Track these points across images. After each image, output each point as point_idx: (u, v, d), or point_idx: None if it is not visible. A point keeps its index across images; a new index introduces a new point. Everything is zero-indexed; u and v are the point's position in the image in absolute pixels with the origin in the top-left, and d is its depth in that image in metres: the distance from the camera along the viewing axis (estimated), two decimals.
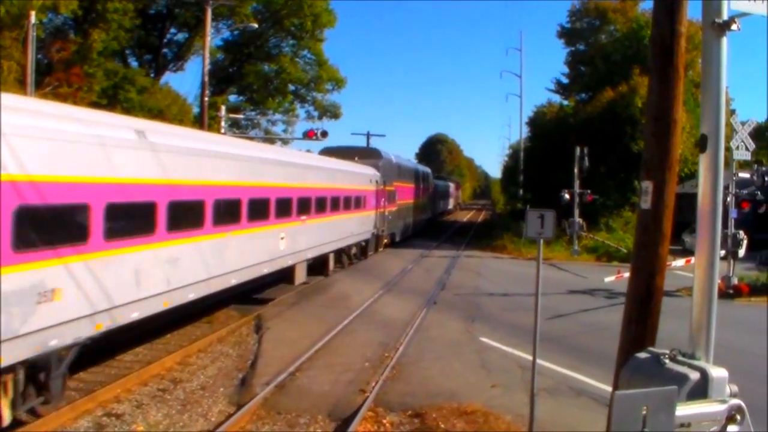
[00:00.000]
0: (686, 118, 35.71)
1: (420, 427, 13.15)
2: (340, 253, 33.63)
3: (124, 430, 12.62)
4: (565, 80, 79.94)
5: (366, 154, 43.84)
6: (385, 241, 45.93)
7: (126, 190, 13.88)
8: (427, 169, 75.47)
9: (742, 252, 27.48)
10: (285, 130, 62.41)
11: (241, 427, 12.93)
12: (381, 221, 42.41)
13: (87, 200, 12.54)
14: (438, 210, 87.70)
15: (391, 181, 44.85)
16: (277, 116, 63.14)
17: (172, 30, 57.83)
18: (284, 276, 25.92)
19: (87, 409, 13.24)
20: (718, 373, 5.23)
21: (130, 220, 14.33)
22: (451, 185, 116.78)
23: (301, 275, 26.38)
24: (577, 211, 43.45)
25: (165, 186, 15.40)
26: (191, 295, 16.90)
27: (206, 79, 37.26)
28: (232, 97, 61.48)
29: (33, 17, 32.32)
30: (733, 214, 27.53)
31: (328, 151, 41.60)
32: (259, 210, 21.26)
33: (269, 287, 26.81)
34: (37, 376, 12.16)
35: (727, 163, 27.32)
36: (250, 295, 24.97)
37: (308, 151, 43.98)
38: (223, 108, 46.81)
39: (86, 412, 13.13)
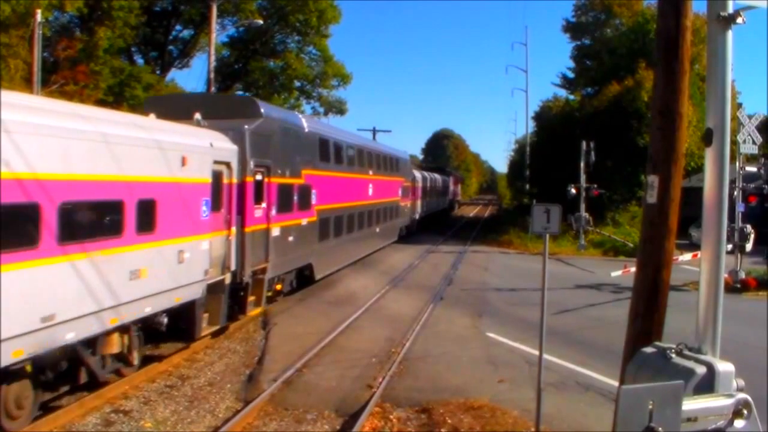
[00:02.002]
0: (692, 112, 35.70)
1: (427, 423, 13.15)
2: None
3: (132, 427, 12.65)
4: (570, 75, 79.90)
5: (226, 109, 21.75)
6: (257, 311, 21.35)
7: None
8: (402, 154, 51.23)
9: (749, 246, 27.44)
10: None
11: (248, 423, 12.95)
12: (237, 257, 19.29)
13: None
14: (428, 211, 65.82)
15: (290, 167, 23.26)
16: None
17: (178, 27, 57.83)
18: None
19: (95, 405, 13.28)
20: (724, 367, 5.22)
21: None
22: (448, 179, 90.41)
23: None
24: (583, 206, 43.43)
25: None
26: None
27: (212, 75, 37.33)
28: (238, 94, 61.42)
29: (39, 15, 32.40)
30: (740, 207, 27.49)
31: (155, 104, 20.85)
32: None
33: None
34: None
35: (734, 157, 27.28)
36: None
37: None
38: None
39: (94, 409, 13.17)
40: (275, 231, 21.74)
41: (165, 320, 15.75)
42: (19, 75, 33.05)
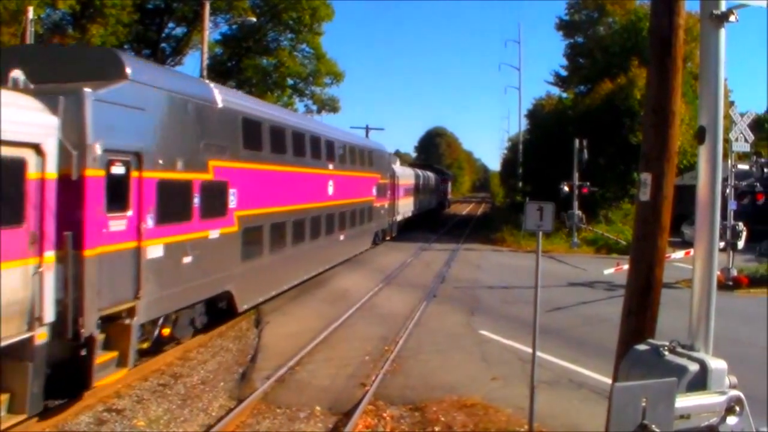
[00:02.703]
0: (685, 110, 35.73)
1: (420, 420, 13.16)
2: None
3: (125, 425, 12.63)
4: (563, 72, 79.94)
5: (74, 67, 14.48)
6: (118, 375, 13.93)
7: None
8: (377, 146, 45.06)
9: (741, 243, 27.50)
10: None
11: (241, 422, 12.94)
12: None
13: None
14: (412, 212, 58.86)
15: (187, 155, 16.79)
16: None
17: (171, 24, 57.73)
18: None
19: (88, 404, 13.25)
20: (717, 364, 5.24)
21: None
22: (437, 176, 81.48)
23: None
24: (576, 204, 43.47)
25: None
26: None
27: (205, 73, 37.17)
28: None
29: (31, 12, 32.23)
30: (732, 205, 27.54)
31: None
32: None
33: None
34: None
35: (726, 155, 27.32)
36: None
37: None
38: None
39: (87, 408, 13.14)
40: (154, 251, 14.88)
41: None
42: None
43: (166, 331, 16.34)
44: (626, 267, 8.91)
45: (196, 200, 16.89)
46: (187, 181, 16.52)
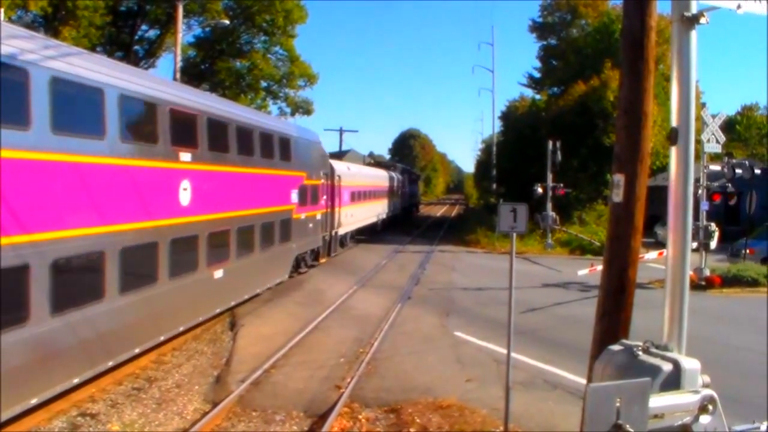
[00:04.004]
0: (657, 112, 35.95)
1: (396, 422, 13.17)
2: None
3: (99, 430, 12.54)
4: (537, 74, 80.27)
5: None
6: None
7: None
8: (303, 133, 31.17)
9: (713, 244, 27.76)
10: None
11: (216, 425, 12.89)
12: None
13: None
14: (364, 220, 48.95)
15: None
16: None
17: (144, 27, 57.26)
18: None
19: (61, 409, 13.13)
20: (690, 364, 5.29)
21: None
22: (401, 177, 72.59)
23: None
24: (550, 205, 43.66)
25: None
26: None
27: (178, 76, 36.99)
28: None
29: (2, 14, 31.93)
30: (704, 206, 27.77)
31: None
32: None
33: None
34: None
35: (698, 156, 27.59)
36: None
37: None
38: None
39: (61, 413, 13.03)
40: None
41: None
42: None
43: None
44: (600, 268, 8.96)
45: None
46: None
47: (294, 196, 27.69)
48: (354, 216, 43.95)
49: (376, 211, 54.11)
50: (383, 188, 58.64)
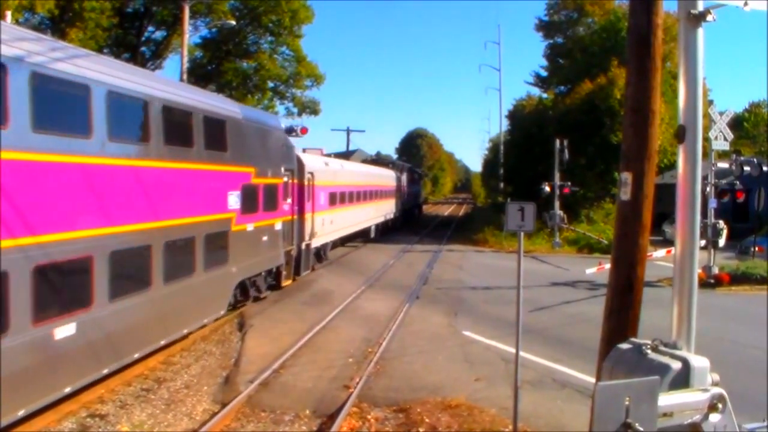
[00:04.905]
0: (664, 109, 35.91)
1: (405, 422, 13.15)
2: None
3: (109, 431, 12.56)
4: (544, 73, 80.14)
5: None
6: None
7: None
8: (254, 114, 25.84)
9: (722, 241, 27.67)
10: None
11: (225, 426, 12.89)
12: None
13: None
14: (350, 227, 41.24)
15: None
16: None
17: (150, 28, 57.34)
18: None
19: (71, 410, 13.16)
20: (699, 362, 5.27)
21: None
22: (400, 175, 64.92)
23: None
24: (557, 203, 43.58)
25: None
26: None
27: (185, 77, 37.06)
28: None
29: (9, 17, 31.99)
30: (712, 204, 27.69)
31: None
32: None
33: None
34: None
35: (706, 154, 27.48)
36: None
37: None
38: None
39: (70, 414, 13.05)
40: None
41: None
42: None
43: None
44: (608, 266, 8.94)
45: None
46: None
47: (233, 201, 20.17)
48: (335, 223, 36.11)
49: (367, 215, 46.79)
50: (378, 188, 51.29)
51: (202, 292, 18.30)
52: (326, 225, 33.76)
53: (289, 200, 26.80)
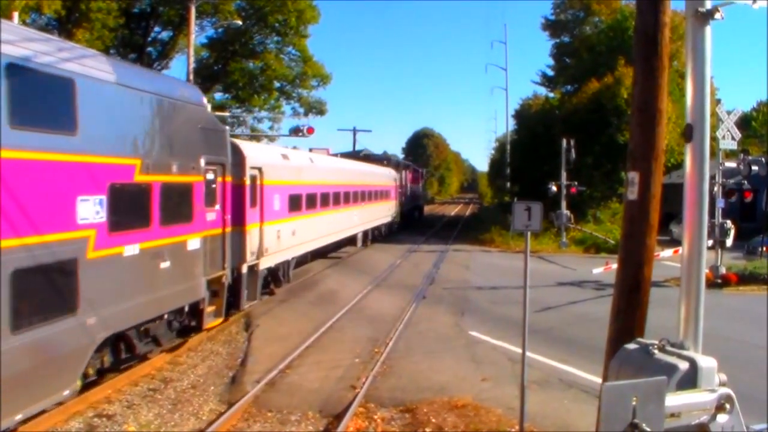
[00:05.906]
0: (672, 109, 35.83)
1: (411, 422, 13.14)
2: None
3: (116, 431, 12.58)
4: (550, 72, 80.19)
5: None
6: None
7: None
8: (155, 81, 17.38)
9: (729, 241, 27.57)
10: (271, 128, 62.14)
11: (232, 426, 12.89)
12: None
13: None
14: (326, 237, 32.53)
15: None
16: (263, 113, 62.88)
17: (157, 28, 57.46)
18: None
19: (78, 410, 13.17)
20: (707, 362, 5.25)
21: None
22: (398, 174, 57.79)
23: None
24: (564, 203, 43.49)
25: None
26: None
27: (191, 77, 37.09)
28: (218, 95, 60.97)
29: (16, 18, 32.06)
30: (720, 203, 27.62)
31: None
32: None
33: None
34: None
35: (713, 153, 27.42)
36: None
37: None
38: (209, 106, 46.54)
39: (77, 414, 13.07)
40: None
41: None
42: None
43: None
44: (615, 266, 8.92)
45: None
46: None
47: (88, 211, 12.40)
48: (299, 234, 27.46)
49: (351, 221, 38.49)
50: (366, 188, 42.61)
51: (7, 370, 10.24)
52: (284, 238, 25.46)
53: (218, 207, 18.83)
